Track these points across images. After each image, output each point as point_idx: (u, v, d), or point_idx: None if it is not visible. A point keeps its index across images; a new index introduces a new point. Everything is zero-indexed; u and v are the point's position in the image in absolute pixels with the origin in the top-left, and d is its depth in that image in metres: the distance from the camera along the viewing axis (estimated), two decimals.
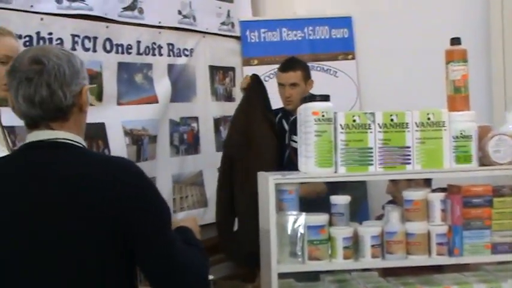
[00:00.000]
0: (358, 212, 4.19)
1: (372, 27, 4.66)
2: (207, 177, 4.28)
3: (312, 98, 2.64)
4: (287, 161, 3.76)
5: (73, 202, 1.61)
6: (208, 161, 4.29)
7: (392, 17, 4.56)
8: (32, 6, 3.18)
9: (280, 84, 3.85)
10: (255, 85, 3.81)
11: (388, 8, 4.59)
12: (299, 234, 2.57)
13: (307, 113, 2.57)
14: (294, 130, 3.26)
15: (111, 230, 1.63)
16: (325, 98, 2.59)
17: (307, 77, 3.87)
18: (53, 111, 1.67)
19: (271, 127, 3.78)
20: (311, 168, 2.57)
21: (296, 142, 2.93)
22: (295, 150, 2.99)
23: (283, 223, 2.58)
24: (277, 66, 3.98)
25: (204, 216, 4.17)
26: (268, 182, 2.55)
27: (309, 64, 4.10)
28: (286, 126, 3.87)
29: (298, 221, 2.58)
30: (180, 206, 4.15)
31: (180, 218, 3.29)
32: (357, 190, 4.16)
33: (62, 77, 1.66)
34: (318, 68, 4.65)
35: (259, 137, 3.72)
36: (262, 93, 3.81)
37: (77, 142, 1.71)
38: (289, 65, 3.86)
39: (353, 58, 4.72)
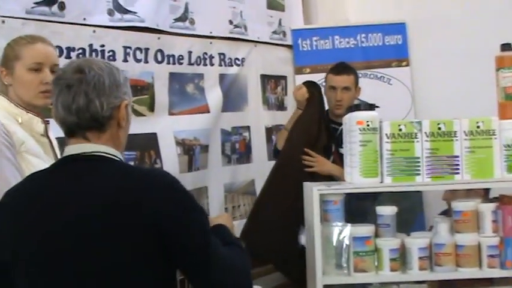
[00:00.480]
0: (414, 223, 4.10)
1: (426, 33, 4.57)
2: (259, 186, 4.25)
3: (357, 107, 2.61)
4: None
5: (108, 215, 1.62)
6: (261, 170, 4.26)
7: (447, 22, 4.47)
8: (84, 19, 3.25)
9: (332, 88, 3.74)
10: (314, 92, 3.71)
11: (442, 13, 4.49)
12: (344, 246, 2.54)
13: (351, 122, 2.54)
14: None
15: (149, 242, 1.63)
16: (370, 107, 2.55)
17: (357, 83, 3.82)
18: (89, 120, 1.69)
19: (327, 131, 3.71)
20: (356, 178, 2.54)
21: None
22: (340, 156, 2.95)
23: (328, 234, 2.55)
24: None
25: None
26: (313, 192, 2.53)
27: (362, 72, 4.04)
28: None
29: (343, 232, 2.55)
30: (233, 215, 4.15)
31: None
32: (411, 200, 4.07)
33: (101, 86, 1.68)
34: (371, 76, 4.59)
35: (321, 144, 3.66)
36: (321, 99, 3.73)
37: (114, 155, 1.73)
38: (343, 68, 3.79)
39: (407, 65, 4.64)
